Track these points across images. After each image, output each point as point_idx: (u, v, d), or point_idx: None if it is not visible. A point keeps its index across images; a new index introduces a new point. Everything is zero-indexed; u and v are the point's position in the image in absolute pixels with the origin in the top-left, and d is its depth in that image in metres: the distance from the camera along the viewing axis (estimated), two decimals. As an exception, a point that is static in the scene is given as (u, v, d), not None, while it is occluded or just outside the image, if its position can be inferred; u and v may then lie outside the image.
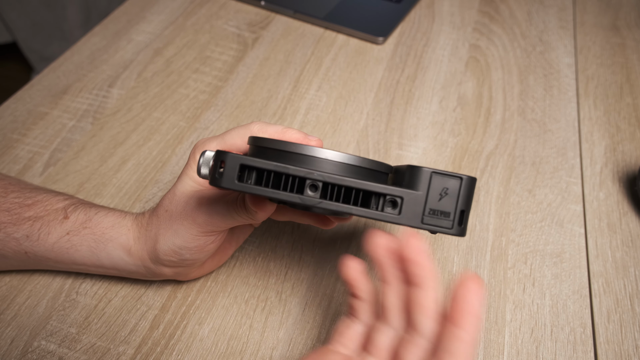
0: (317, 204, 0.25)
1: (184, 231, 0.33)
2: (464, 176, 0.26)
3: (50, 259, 0.36)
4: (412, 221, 0.26)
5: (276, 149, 0.28)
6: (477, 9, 0.73)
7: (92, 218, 0.36)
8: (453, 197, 0.26)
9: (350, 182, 0.25)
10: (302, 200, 0.25)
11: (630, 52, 0.67)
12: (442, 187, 0.26)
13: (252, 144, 0.29)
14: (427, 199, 0.26)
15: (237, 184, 0.25)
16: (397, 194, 0.26)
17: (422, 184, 0.26)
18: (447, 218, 0.26)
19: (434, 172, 0.26)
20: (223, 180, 0.26)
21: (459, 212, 0.26)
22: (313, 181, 0.25)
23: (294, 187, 0.26)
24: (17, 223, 0.36)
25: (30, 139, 0.50)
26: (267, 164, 0.25)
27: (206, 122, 0.53)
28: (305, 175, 0.25)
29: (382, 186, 0.26)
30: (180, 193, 0.34)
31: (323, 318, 0.39)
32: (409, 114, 0.56)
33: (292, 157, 0.27)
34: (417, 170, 0.27)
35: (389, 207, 0.26)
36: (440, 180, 0.26)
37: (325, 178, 0.25)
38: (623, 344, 0.39)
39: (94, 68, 0.58)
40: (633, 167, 0.52)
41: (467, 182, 0.26)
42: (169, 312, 0.39)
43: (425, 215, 0.26)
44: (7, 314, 0.38)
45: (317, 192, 0.25)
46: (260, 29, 0.66)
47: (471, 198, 0.27)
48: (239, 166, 0.25)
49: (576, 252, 0.45)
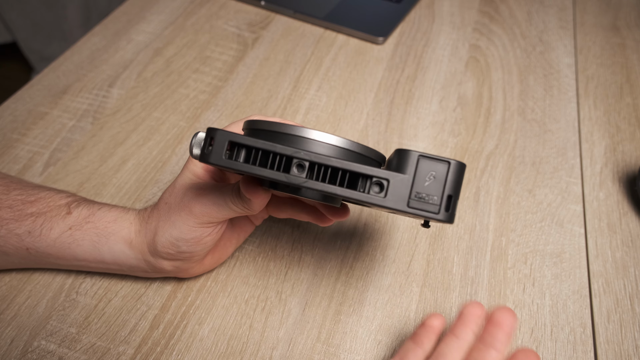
0: (302, 183, 0.25)
1: (181, 222, 0.33)
2: (452, 160, 0.26)
3: (52, 254, 0.36)
4: (397, 204, 0.26)
5: (267, 130, 0.28)
6: (477, 9, 0.73)
7: (95, 213, 0.37)
8: (440, 182, 0.26)
9: (336, 163, 0.25)
10: (287, 179, 0.25)
11: (630, 52, 0.67)
12: (429, 171, 0.26)
13: (246, 127, 0.30)
14: (413, 182, 0.26)
15: (224, 160, 0.26)
16: (383, 176, 0.26)
17: (409, 167, 0.26)
18: (433, 203, 0.26)
19: (421, 156, 0.26)
20: (211, 156, 0.26)
21: (446, 197, 0.26)
22: (300, 160, 0.25)
23: (280, 166, 0.26)
24: (19, 219, 0.36)
25: (30, 139, 0.50)
26: (255, 141, 0.25)
27: (206, 122, 0.53)
28: (292, 154, 0.25)
29: (368, 167, 0.26)
30: (180, 185, 0.34)
31: (323, 318, 0.39)
32: (409, 114, 0.56)
33: (282, 137, 0.27)
34: (405, 153, 0.26)
35: (375, 189, 0.26)
36: (427, 164, 0.26)
37: (312, 157, 0.25)
38: (623, 344, 0.39)
39: (94, 68, 0.58)
40: (633, 167, 0.52)
41: (456, 167, 0.26)
42: (169, 312, 0.39)
43: (412, 199, 0.26)
44: (7, 314, 0.38)
45: (304, 171, 0.25)
46: (260, 29, 0.66)
47: (460, 184, 0.26)
48: (227, 143, 0.26)
49: (576, 252, 0.45)
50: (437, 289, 0.42)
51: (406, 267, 0.43)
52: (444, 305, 0.41)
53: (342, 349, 0.38)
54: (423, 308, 0.40)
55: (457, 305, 0.41)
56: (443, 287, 0.42)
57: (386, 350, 0.38)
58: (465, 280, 0.42)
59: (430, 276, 0.42)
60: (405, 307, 0.40)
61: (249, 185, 0.30)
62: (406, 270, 0.43)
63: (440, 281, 0.42)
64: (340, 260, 0.43)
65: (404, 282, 0.42)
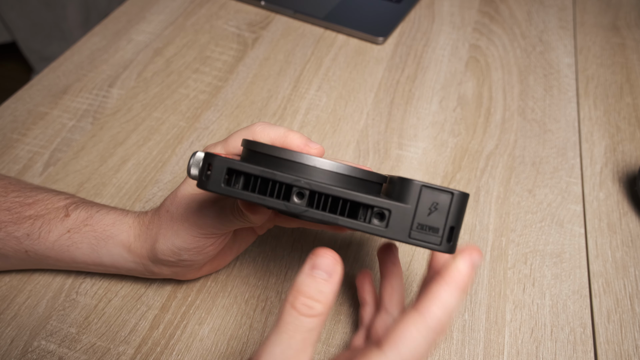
0: (302, 212, 0.25)
1: (184, 232, 0.33)
2: (455, 191, 0.25)
3: (51, 257, 0.36)
4: (399, 235, 0.25)
5: (266, 154, 0.27)
6: (477, 9, 0.73)
7: (93, 215, 0.36)
8: (443, 213, 0.25)
9: (337, 192, 0.25)
10: (287, 208, 0.25)
11: (630, 52, 0.67)
12: (432, 202, 0.25)
13: (245, 146, 0.29)
14: (415, 213, 0.25)
15: (223, 188, 0.25)
16: (385, 206, 0.25)
17: (411, 197, 0.25)
18: (435, 234, 0.25)
19: (424, 186, 0.25)
20: (210, 183, 0.25)
21: (449, 228, 0.25)
22: (300, 189, 0.25)
23: (280, 194, 0.25)
24: (17, 222, 0.36)
25: (30, 139, 0.50)
26: (254, 168, 0.25)
27: (206, 122, 0.53)
28: (292, 183, 0.25)
29: (369, 197, 0.25)
30: (182, 195, 0.34)
31: (323, 318, 0.39)
32: (409, 114, 0.56)
33: (282, 164, 0.27)
34: (407, 183, 0.26)
35: (377, 219, 0.25)
36: (430, 194, 0.25)
37: (312, 186, 0.25)
38: (623, 344, 0.39)
39: (93, 68, 0.58)
40: (633, 167, 0.52)
41: (459, 198, 0.25)
42: (169, 312, 0.39)
43: (413, 230, 0.25)
44: (7, 314, 0.38)
45: (304, 200, 0.25)
46: (260, 29, 0.66)
47: (462, 214, 0.26)
48: (226, 170, 0.25)
49: (576, 252, 0.45)
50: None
51: (406, 267, 0.43)
52: (444, 305, 0.41)
53: (342, 349, 0.38)
54: (423, 308, 0.40)
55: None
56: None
57: (386, 350, 0.38)
58: (465, 280, 0.42)
59: (430, 276, 0.42)
60: (405, 307, 0.40)
61: (247, 204, 0.30)
62: (406, 270, 0.43)
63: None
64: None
65: (404, 282, 0.42)
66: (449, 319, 0.25)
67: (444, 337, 0.39)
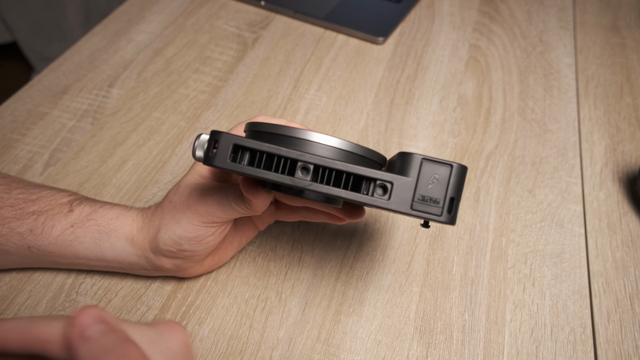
0: (307, 186, 0.25)
1: (185, 221, 0.34)
2: (454, 164, 0.26)
3: (53, 252, 0.36)
4: (401, 206, 0.26)
5: (270, 132, 0.28)
6: (477, 9, 0.73)
7: (97, 210, 0.37)
8: (443, 184, 0.26)
9: (340, 166, 0.26)
10: (292, 182, 0.25)
11: (630, 52, 0.67)
12: (432, 174, 0.26)
13: (248, 129, 0.30)
14: (417, 185, 0.26)
15: (229, 164, 0.26)
16: (387, 179, 0.26)
17: (412, 170, 0.26)
18: (436, 205, 0.26)
19: (424, 159, 0.26)
20: (216, 159, 0.26)
21: (449, 199, 0.26)
22: (304, 163, 0.26)
23: (285, 169, 0.26)
24: (21, 217, 0.36)
25: (30, 139, 0.50)
26: (260, 144, 0.26)
27: (206, 122, 0.53)
28: (296, 157, 0.25)
29: (372, 170, 0.26)
30: (185, 185, 0.35)
31: (323, 318, 0.39)
32: (409, 114, 0.56)
33: (286, 140, 0.27)
34: (408, 157, 0.27)
35: (379, 192, 0.26)
36: (430, 167, 0.26)
37: (316, 161, 0.25)
38: (623, 344, 0.39)
39: (93, 68, 0.58)
40: (633, 167, 0.52)
41: (458, 170, 0.26)
42: (169, 312, 0.39)
43: (415, 202, 0.26)
44: (7, 314, 0.38)
45: (308, 174, 0.26)
46: (260, 29, 0.66)
47: (462, 186, 0.27)
48: (232, 146, 0.26)
49: (576, 252, 0.45)
50: (437, 289, 0.42)
51: (406, 267, 0.43)
52: (444, 305, 0.41)
53: (342, 349, 0.38)
54: (423, 308, 0.40)
55: (457, 305, 0.41)
56: (443, 287, 0.42)
57: (386, 350, 0.38)
58: (465, 280, 0.42)
59: (430, 276, 0.42)
60: (405, 307, 0.40)
61: (249, 187, 0.30)
62: (406, 270, 0.43)
63: (440, 281, 0.42)
64: (340, 260, 0.43)
65: (404, 282, 0.42)
66: None
67: (444, 337, 0.39)
